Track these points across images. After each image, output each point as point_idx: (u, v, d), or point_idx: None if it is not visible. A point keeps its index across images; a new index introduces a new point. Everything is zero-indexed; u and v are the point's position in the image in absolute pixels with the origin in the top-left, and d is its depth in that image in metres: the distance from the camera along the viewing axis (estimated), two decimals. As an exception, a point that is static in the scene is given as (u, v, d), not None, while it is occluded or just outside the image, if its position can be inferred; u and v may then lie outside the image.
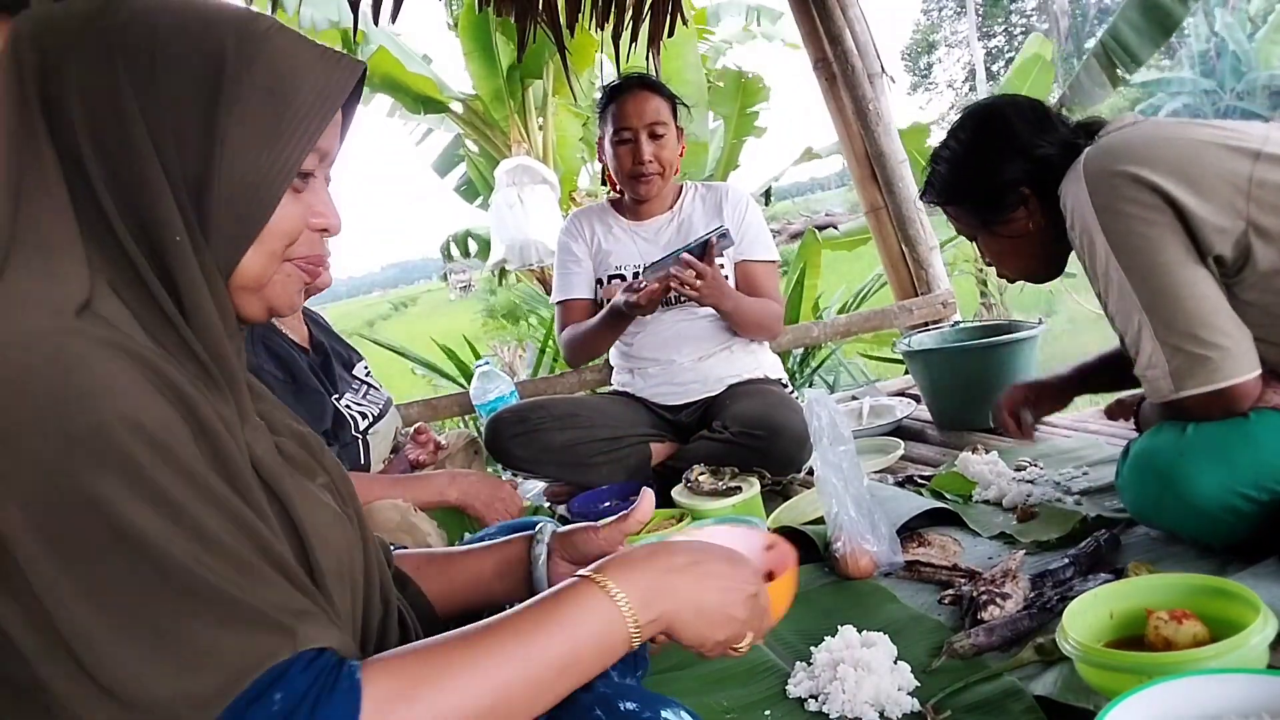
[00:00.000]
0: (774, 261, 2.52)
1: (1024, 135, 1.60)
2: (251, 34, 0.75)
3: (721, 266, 2.39)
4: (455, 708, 0.68)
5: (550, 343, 4.97)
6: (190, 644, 0.62)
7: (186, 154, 0.73)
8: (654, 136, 2.34)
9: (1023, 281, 1.80)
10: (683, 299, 2.33)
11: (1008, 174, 1.60)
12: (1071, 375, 1.91)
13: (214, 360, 0.74)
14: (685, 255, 2.23)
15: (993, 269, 1.79)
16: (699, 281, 2.21)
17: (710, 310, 2.40)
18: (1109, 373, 1.86)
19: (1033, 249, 1.66)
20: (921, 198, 1.78)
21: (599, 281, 2.48)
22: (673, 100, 2.40)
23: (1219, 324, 1.35)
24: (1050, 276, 1.75)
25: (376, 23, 3.33)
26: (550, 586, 0.82)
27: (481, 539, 1.19)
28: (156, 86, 0.72)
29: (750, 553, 0.99)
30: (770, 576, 0.96)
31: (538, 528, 1.04)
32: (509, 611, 0.77)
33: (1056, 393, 1.91)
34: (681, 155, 2.48)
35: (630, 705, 0.77)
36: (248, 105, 0.74)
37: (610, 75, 4.75)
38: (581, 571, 0.80)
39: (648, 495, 1.04)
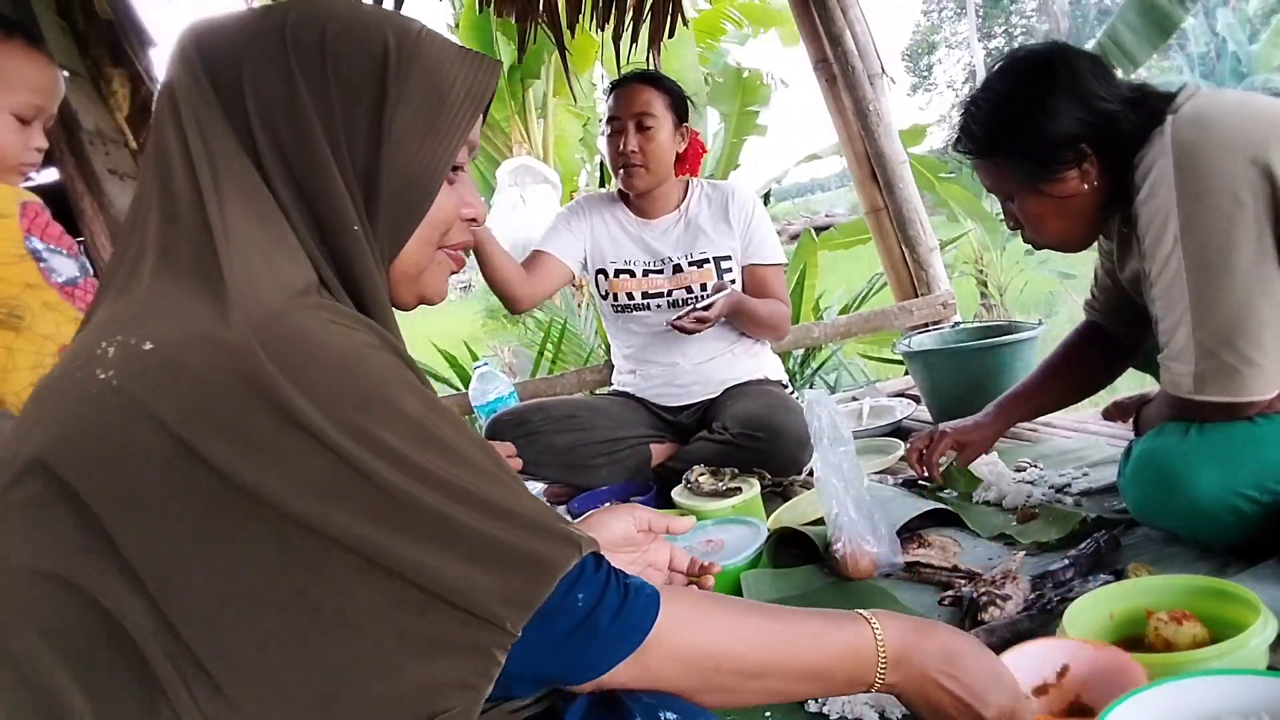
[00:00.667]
0: (781, 264, 2.52)
1: (1086, 85, 1.45)
2: (409, 34, 0.80)
3: (729, 271, 2.39)
4: (732, 652, 0.78)
5: (547, 347, 4.97)
6: (502, 551, 0.68)
7: (356, 148, 0.77)
8: (641, 128, 2.32)
9: (1052, 250, 1.67)
10: (686, 302, 2.34)
11: (1067, 126, 1.45)
12: (995, 416, 1.88)
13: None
14: (697, 315, 2.22)
15: (988, 263, 1.74)
16: (707, 322, 2.25)
17: (710, 314, 2.41)
18: (1035, 399, 1.87)
19: (1079, 213, 1.53)
20: (954, 148, 1.62)
21: (602, 272, 2.47)
22: (672, 94, 2.38)
23: (1261, 339, 1.32)
24: (1085, 246, 1.63)
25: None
26: None
27: None
28: (328, 83, 0.76)
29: (1081, 660, 1.02)
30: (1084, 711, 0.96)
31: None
32: (799, 611, 0.85)
33: (981, 439, 1.87)
34: (704, 153, 2.49)
35: (670, 716, 0.79)
36: (410, 102, 0.78)
37: (612, 75, 4.76)
38: (862, 612, 0.86)
39: (690, 520, 1.16)
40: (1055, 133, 1.46)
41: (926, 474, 1.90)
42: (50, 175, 2.43)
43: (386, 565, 0.65)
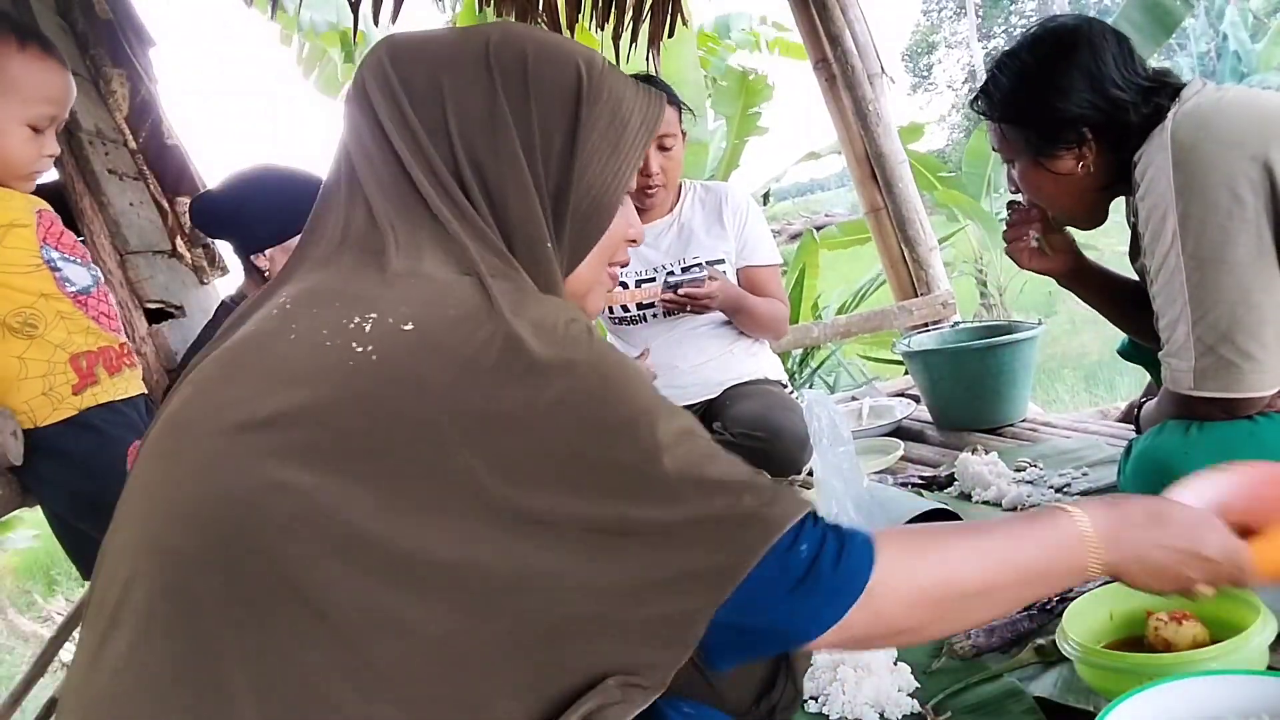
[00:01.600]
0: (777, 265, 2.51)
1: (1105, 69, 1.45)
2: (596, 64, 0.86)
3: (724, 273, 2.39)
4: (954, 576, 0.78)
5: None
6: (734, 513, 0.71)
7: (550, 166, 0.81)
8: (662, 149, 2.31)
9: (1062, 223, 1.68)
10: (688, 309, 2.33)
11: (1074, 107, 1.46)
12: (1098, 271, 1.78)
13: None
14: (688, 290, 2.25)
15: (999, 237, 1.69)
16: (713, 298, 2.25)
17: (710, 316, 2.40)
18: (1120, 299, 1.76)
19: (1073, 192, 1.55)
20: (971, 105, 1.65)
21: None
22: (679, 107, 2.36)
23: (1261, 334, 1.33)
24: (1084, 225, 1.64)
25: (376, 23, 3.32)
26: None
27: None
28: (529, 104, 0.81)
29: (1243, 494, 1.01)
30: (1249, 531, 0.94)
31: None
32: (993, 519, 0.86)
33: (1078, 262, 1.75)
34: None
35: (687, 710, 0.81)
36: (597, 126, 0.84)
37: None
38: (1061, 505, 0.87)
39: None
40: (1061, 111, 1.47)
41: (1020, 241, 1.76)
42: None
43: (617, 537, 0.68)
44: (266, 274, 1.94)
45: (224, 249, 2.65)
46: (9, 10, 1.55)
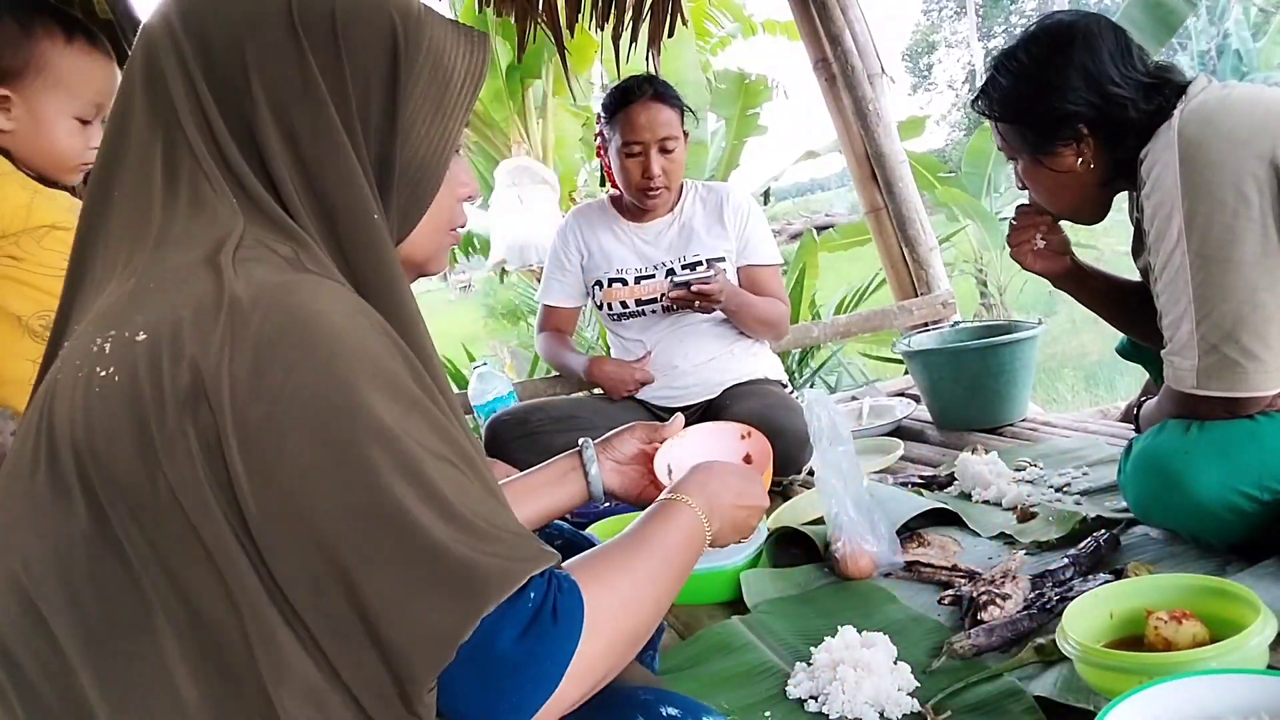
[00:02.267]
0: (777, 264, 2.52)
1: (1102, 66, 1.45)
2: (411, 12, 0.78)
3: (724, 272, 2.40)
4: (631, 593, 0.79)
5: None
6: (461, 570, 0.66)
7: (370, 134, 0.75)
8: (664, 151, 2.31)
9: (1064, 219, 1.68)
10: (695, 306, 2.33)
11: (1070, 105, 1.46)
12: (1094, 272, 1.77)
13: (404, 326, 0.75)
14: (698, 286, 2.25)
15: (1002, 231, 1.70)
16: (721, 292, 2.26)
17: (711, 315, 2.41)
18: (1116, 300, 1.76)
19: (1074, 188, 1.55)
20: (972, 105, 1.65)
21: (598, 284, 2.47)
22: (682, 108, 2.36)
23: (1265, 333, 1.32)
24: (1087, 220, 1.64)
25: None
26: (602, 485, 1.22)
27: None
28: (343, 67, 0.74)
29: (731, 443, 1.37)
30: (747, 459, 1.33)
31: (581, 442, 1.27)
32: (635, 525, 0.92)
33: (1075, 263, 1.73)
34: None
35: (672, 710, 0.80)
36: (418, 85, 0.78)
37: (611, 75, 4.73)
38: (669, 495, 0.98)
39: (679, 417, 1.34)
40: (1057, 110, 1.47)
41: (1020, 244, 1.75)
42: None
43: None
44: None
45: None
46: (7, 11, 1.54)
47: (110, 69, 1.55)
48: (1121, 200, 1.62)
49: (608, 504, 2.18)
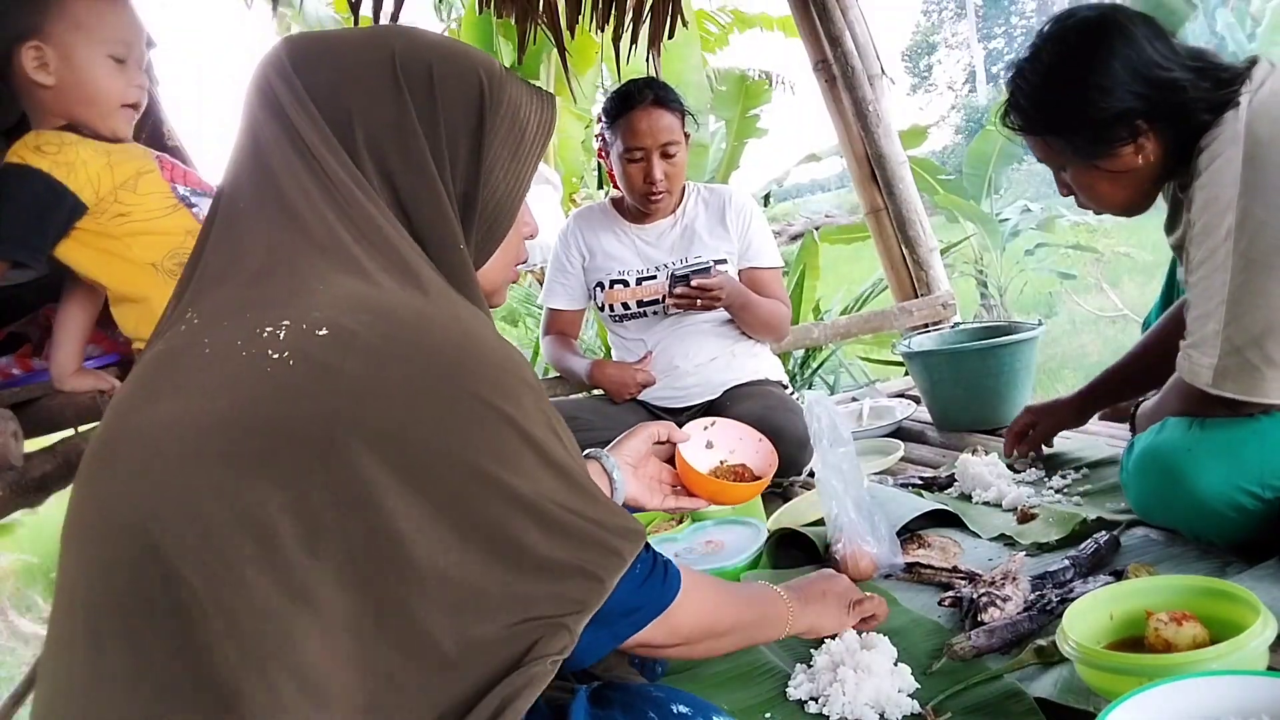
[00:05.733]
0: (779, 267, 2.52)
1: (1144, 52, 1.36)
2: (495, 72, 0.89)
3: (725, 273, 2.40)
4: (716, 615, 1.08)
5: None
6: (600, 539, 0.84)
7: (458, 174, 0.86)
8: (666, 156, 2.31)
9: (1111, 214, 1.61)
10: (698, 304, 2.33)
11: (1121, 101, 1.37)
12: (1085, 394, 1.90)
13: None
14: (699, 281, 2.26)
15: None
16: (722, 289, 2.27)
17: (712, 315, 2.41)
18: (1123, 384, 1.84)
19: (1135, 183, 1.46)
20: (1003, 121, 1.54)
21: (599, 285, 2.47)
22: (683, 113, 2.36)
23: None
24: (1141, 211, 1.55)
25: (376, 23, 3.33)
26: (623, 489, 1.28)
27: None
28: (438, 115, 0.84)
29: (751, 444, 1.51)
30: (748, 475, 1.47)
31: (591, 451, 1.29)
32: (739, 584, 1.25)
33: (1072, 414, 1.92)
34: None
35: (683, 708, 0.86)
36: (499, 133, 0.88)
37: (612, 75, 4.72)
38: (778, 588, 1.27)
39: (695, 423, 1.47)
40: (1109, 109, 1.38)
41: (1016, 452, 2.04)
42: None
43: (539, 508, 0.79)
44: None
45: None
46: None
47: (127, 8, 1.59)
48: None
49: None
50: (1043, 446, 2.03)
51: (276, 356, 0.72)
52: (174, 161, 1.62)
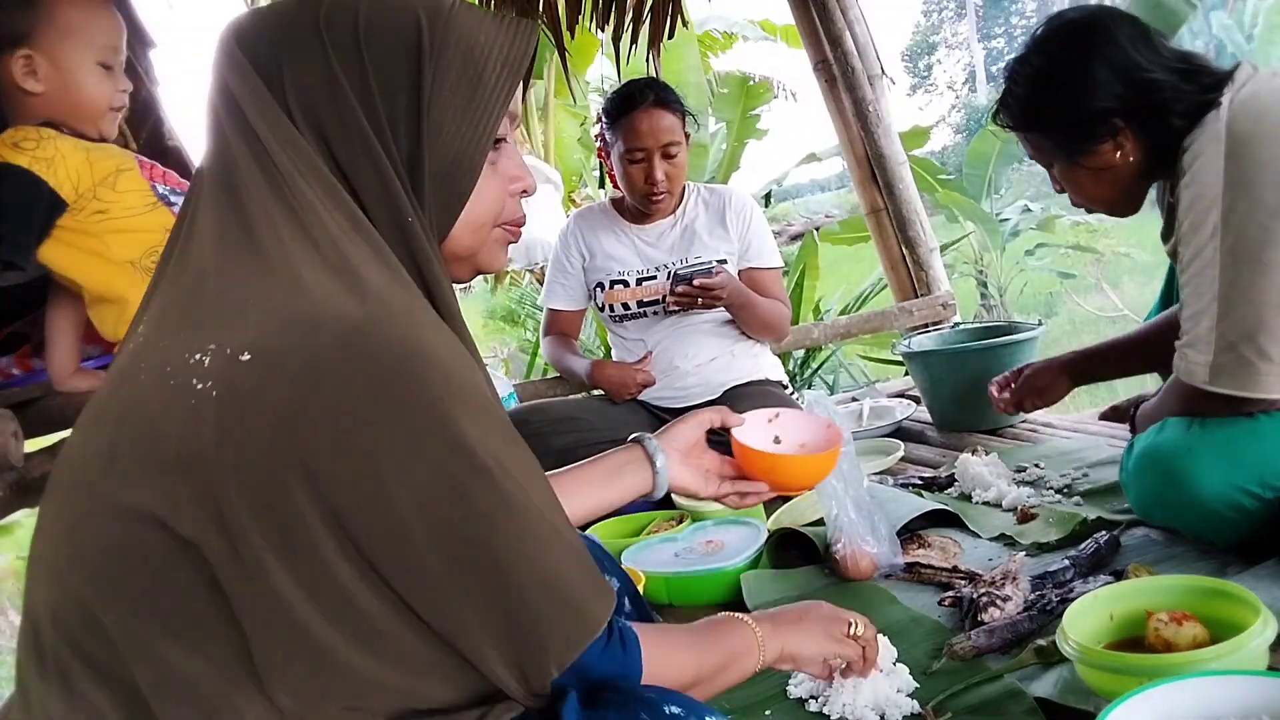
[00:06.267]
0: (779, 268, 2.52)
1: (1125, 54, 1.41)
2: (440, 10, 0.78)
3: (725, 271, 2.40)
4: (679, 665, 0.92)
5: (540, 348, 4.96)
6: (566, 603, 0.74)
7: (399, 135, 0.76)
8: (667, 156, 2.31)
9: (1105, 214, 1.65)
10: (699, 303, 2.33)
11: (1101, 100, 1.42)
12: (1079, 356, 1.86)
13: (458, 331, 0.79)
14: (701, 281, 2.26)
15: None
16: (723, 288, 2.27)
17: (712, 315, 2.41)
18: (1117, 359, 1.82)
19: (1116, 182, 1.51)
20: (994, 119, 1.60)
21: (599, 285, 2.47)
22: (683, 113, 2.36)
23: None
24: (1130, 212, 1.59)
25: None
26: (667, 476, 1.18)
27: None
28: (366, 71, 0.75)
29: (819, 431, 1.31)
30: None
31: (635, 436, 1.22)
32: (700, 624, 1.02)
33: (1062, 374, 1.86)
34: None
35: (675, 709, 0.81)
36: (446, 81, 0.77)
37: (612, 75, 4.72)
38: (741, 616, 1.05)
39: (757, 413, 1.30)
40: (1087, 108, 1.43)
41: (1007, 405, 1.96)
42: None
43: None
44: None
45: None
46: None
47: (113, 12, 1.60)
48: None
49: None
50: (1026, 405, 1.94)
51: (200, 388, 0.67)
52: (152, 161, 1.62)
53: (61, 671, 0.69)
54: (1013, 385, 1.93)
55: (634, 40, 3.26)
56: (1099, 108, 1.43)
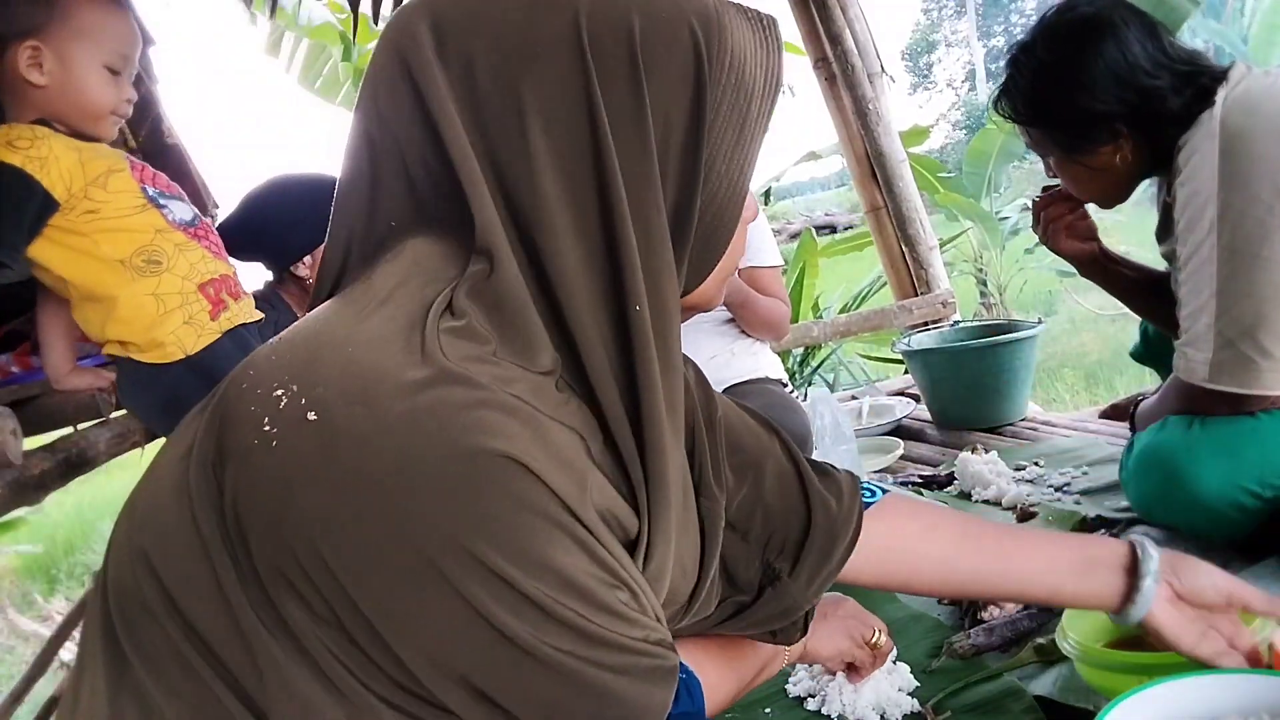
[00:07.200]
0: (779, 266, 2.52)
1: (1133, 59, 1.39)
2: (711, 19, 0.61)
3: None
4: (726, 692, 0.96)
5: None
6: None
7: (669, 176, 0.60)
8: None
9: (1096, 206, 1.63)
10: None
11: (1103, 105, 1.41)
12: (1120, 260, 1.73)
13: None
14: None
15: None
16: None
17: (712, 313, 2.40)
18: (1142, 288, 1.72)
19: (1113, 180, 1.51)
20: (994, 108, 1.57)
21: None
22: None
23: None
24: (1117, 203, 1.59)
25: (376, 22, 3.32)
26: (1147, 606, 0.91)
27: None
28: (641, 97, 0.58)
29: None
30: None
31: (1135, 540, 0.95)
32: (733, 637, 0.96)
33: (1097, 259, 1.70)
34: None
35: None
36: (720, 111, 0.62)
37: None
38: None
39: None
40: (1090, 110, 1.42)
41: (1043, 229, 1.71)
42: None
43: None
44: (308, 281, 1.96)
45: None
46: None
47: (130, 20, 1.59)
48: (1141, 185, 1.60)
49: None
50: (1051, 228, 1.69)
51: (268, 430, 0.54)
52: (143, 163, 1.62)
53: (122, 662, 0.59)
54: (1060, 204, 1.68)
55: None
56: (1102, 111, 1.42)
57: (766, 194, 8.33)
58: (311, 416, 0.53)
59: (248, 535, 0.54)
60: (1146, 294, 1.72)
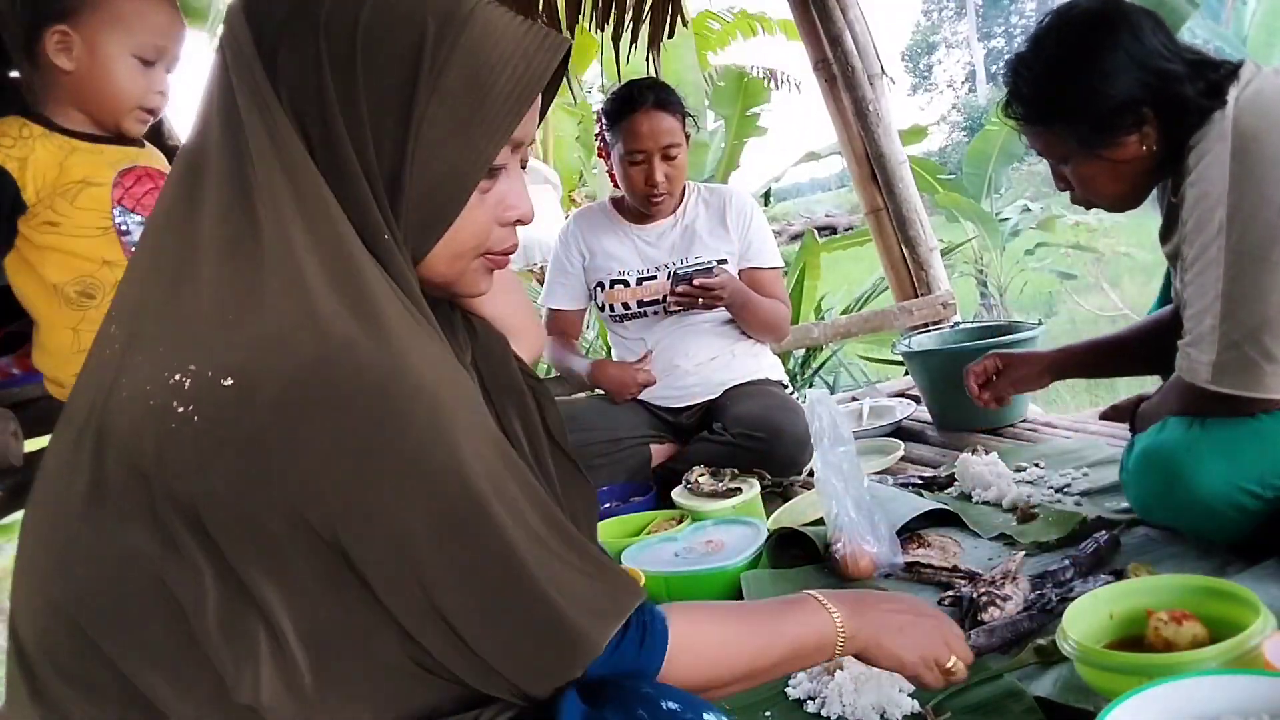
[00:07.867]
0: (779, 268, 2.52)
1: (1146, 43, 1.38)
2: (453, 16, 0.72)
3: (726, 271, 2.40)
4: (714, 671, 0.84)
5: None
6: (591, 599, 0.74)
7: (382, 149, 0.71)
8: (667, 158, 2.31)
9: (1104, 210, 1.61)
10: (699, 302, 2.33)
11: (1127, 89, 1.38)
12: (1061, 354, 1.83)
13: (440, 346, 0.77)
14: (701, 280, 2.26)
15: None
16: (724, 288, 2.27)
17: (713, 314, 2.41)
18: (1099, 361, 1.81)
19: (1133, 175, 1.47)
20: (1004, 112, 1.54)
21: (599, 285, 2.47)
22: (683, 114, 2.37)
23: None
24: (1135, 205, 1.55)
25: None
26: None
27: None
28: (356, 76, 0.70)
29: None
30: None
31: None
32: (757, 602, 0.98)
33: (1042, 371, 1.82)
34: None
35: (673, 705, 0.80)
36: (444, 98, 0.72)
37: (611, 76, 4.72)
38: (808, 592, 0.95)
39: None
40: (1115, 96, 1.39)
41: (981, 396, 1.86)
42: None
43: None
44: None
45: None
46: (8, 14, 1.54)
47: (171, 9, 1.53)
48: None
49: (608, 505, 2.19)
50: (1004, 399, 1.87)
51: (181, 411, 0.65)
52: (142, 179, 1.54)
53: (53, 696, 0.68)
54: (993, 379, 1.85)
55: (634, 40, 3.26)
56: (1125, 96, 1.39)
57: (767, 195, 8.33)
58: (227, 382, 0.65)
59: (200, 510, 0.65)
60: (1120, 361, 1.81)
